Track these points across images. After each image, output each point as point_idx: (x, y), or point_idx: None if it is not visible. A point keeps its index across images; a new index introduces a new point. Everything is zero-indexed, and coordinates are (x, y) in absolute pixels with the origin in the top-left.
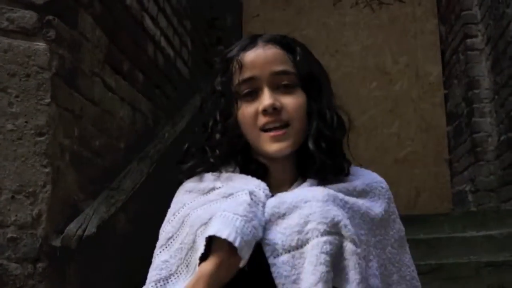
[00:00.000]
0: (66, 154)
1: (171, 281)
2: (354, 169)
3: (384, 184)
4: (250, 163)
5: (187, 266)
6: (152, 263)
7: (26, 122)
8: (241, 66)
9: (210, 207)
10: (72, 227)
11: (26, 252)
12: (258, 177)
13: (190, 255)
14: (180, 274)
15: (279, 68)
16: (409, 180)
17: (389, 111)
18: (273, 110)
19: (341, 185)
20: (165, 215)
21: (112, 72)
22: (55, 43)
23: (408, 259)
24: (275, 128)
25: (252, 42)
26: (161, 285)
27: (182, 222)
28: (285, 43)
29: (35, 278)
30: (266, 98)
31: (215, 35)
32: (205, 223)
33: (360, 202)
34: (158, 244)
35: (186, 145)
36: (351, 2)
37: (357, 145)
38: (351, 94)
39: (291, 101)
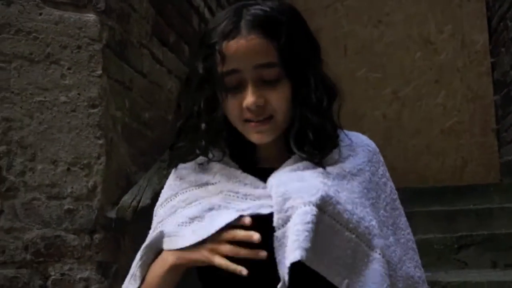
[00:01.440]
0: (118, 126)
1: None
2: (342, 135)
3: (372, 146)
4: (238, 142)
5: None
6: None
7: (79, 94)
8: (223, 57)
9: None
10: (126, 199)
11: (83, 223)
12: (247, 155)
13: None
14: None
15: (263, 60)
16: (456, 151)
17: (434, 82)
18: (257, 107)
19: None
20: None
21: (160, 44)
22: (105, 14)
23: (402, 222)
24: (258, 121)
25: (235, 27)
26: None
27: (170, 213)
28: (270, 28)
29: (92, 249)
30: (249, 95)
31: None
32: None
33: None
34: (152, 226)
35: (178, 128)
36: None
37: (402, 115)
38: (394, 65)
39: (275, 96)
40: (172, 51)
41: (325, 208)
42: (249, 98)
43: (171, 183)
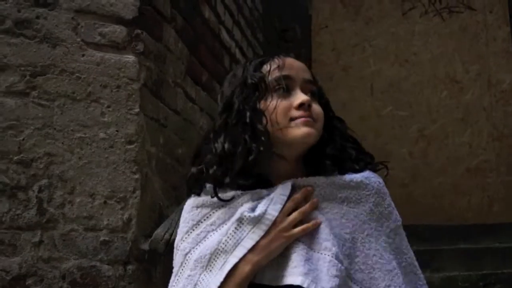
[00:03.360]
0: (153, 161)
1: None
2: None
3: (380, 179)
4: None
5: (210, 271)
6: (176, 281)
7: (117, 131)
8: (279, 65)
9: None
10: (159, 231)
11: (117, 254)
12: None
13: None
14: (203, 279)
15: (309, 77)
16: (482, 190)
17: (460, 120)
18: (308, 107)
19: (335, 177)
20: None
21: (193, 83)
22: (143, 55)
23: (404, 246)
24: (308, 117)
25: (284, 54)
26: None
27: (200, 240)
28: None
29: (125, 279)
30: (303, 95)
31: (285, 47)
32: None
33: (345, 203)
34: (176, 261)
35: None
36: (420, 11)
37: (428, 154)
38: (421, 103)
39: (317, 107)
40: (204, 90)
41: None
42: (303, 97)
43: (186, 216)
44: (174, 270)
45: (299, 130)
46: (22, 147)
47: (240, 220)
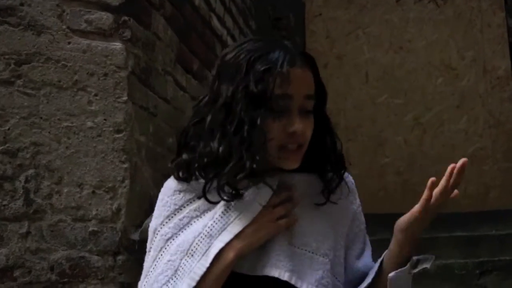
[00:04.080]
0: (142, 150)
1: (178, 275)
2: None
3: (352, 179)
4: None
5: (192, 255)
6: (154, 267)
7: (105, 119)
8: (281, 81)
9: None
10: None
11: (107, 245)
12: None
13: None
14: (185, 265)
15: (311, 92)
16: (478, 177)
17: (455, 107)
18: (301, 135)
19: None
20: None
21: (183, 71)
22: (131, 42)
23: (368, 242)
24: (295, 148)
25: (291, 58)
26: (171, 284)
27: (183, 225)
28: (313, 65)
29: (115, 270)
30: (298, 122)
31: (279, 35)
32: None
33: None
34: (153, 246)
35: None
36: None
37: (423, 142)
38: (416, 91)
39: (309, 126)
40: (195, 78)
41: None
42: (299, 125)
43: (166, 201)
44: (151, 255)
45: (286, 162)
46: (8, 137)
47: (227, 206)
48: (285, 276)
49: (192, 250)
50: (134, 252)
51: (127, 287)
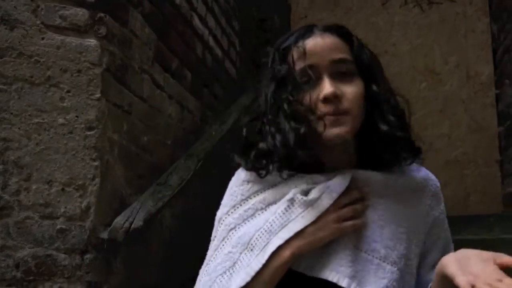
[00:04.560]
0: (115, 148)
1: (236, 268)
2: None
3: (437, 183)
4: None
5: (251, 250)
6: (215, 256)
7: (76, 116)
8: (302, 54)
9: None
10: (119, 220)
11: (75, 243)
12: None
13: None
14: (243, 259)
15: (338, 56)
16: (460, 181)
17: (439, 112)
18: (334, 98)
19: (394, 176)
20: (210, 213)
21: (161, 70)
22: (106, 39)
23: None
24: (335, 114)
25: (308, 31)
26: (227, 276)
27: (247, 217)
28: (341, 33)
29: (82, 269)
30: (327, 86)
31: (263, 36)
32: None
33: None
34: (217, 234)
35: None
36: (400, 2)
37: None
38: (399, 95)
39: (351, 90)
40: (174, 77)
41: None
42: (328, 89)
43: (234, 190)
44: (214, 244)
45: (328, 132)
46: None
47: (291, 201)
48: (344, 282)
49: (252, 244)
50: (103, 251)
51: (94, 286)
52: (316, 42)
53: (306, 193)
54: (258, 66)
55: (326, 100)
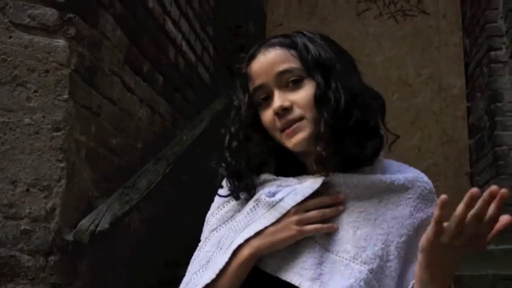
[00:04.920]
0: (82, 150)
1: (208, 266)
2: (401, 165)
3: (429, 185)
4: (286, 162)
5: (220, 248)
6: (197, 255)
7: (43, 117)
8: (251, 78)
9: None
10: (85, 222)
11: (39, 244)
12: (293, 172)
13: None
14: (214, 257)
15: (280, 68)
16: None
17: (410, 123)
18: (283, 111)
19: (375, 177)
20: (178, 217)
21: (132, 72)
22: (75, 40)
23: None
24: (289, 125)
25: (255, 51)
26: (200, 273)
27: (227, 218)
28: (285, 41)
29: (46, 271)
30: (275, 101)
31: (238, 43)
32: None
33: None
34: (203, 235)
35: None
36: (375, 13)
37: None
38: None
39: (300, 96)
40: (145, 81)
41: None
42: (275, 103)
43: (220, 192)
44: (200, 243)
45: (289, 144)
46: None
47: (257, 202)
48: (305, 285)
49: (221, 243)
50: (68, 253)
51: None
52: (259, 62)
53: (273, 194)
54: (232, 72)
55: (278, 114)
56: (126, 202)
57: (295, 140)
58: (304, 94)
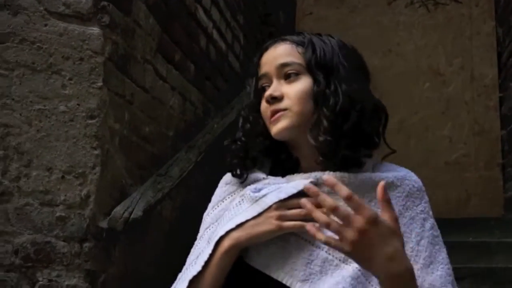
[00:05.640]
0: (116, 138)
1: (197, 260)
2: (391, 165)
3: (417, 183)
4: (283, 159)
5: (209, 242)
6: (192, 252)
7: (78, 104)
8: (259, 67)
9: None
10: (118, 209)
11: (74, 231)
12: (289, 169)
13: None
14: (203, 251)
15: (282, 60)
16: (460, 184)
17: (441, 113)
18: (273, 99)
19: (365, 175)
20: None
21: (164, 61)
22: (109, 28)
23: (442, 256)
24: (274, 113)
25: (270, 43)
26: (191, 267)
27: (219, 216)
28: (296, 39)
29: (81, 257)
30: (269, 90)
31: (268, 31)
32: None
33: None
34: (199, 234)
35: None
36: (406, 2)
37: (407, 146)
38: (403, 95)
39: (292, 89)
40: (177, 69)
41: None
42: (268, 91)
43: (216, 191)
44: (195, 242)
45: (271, 130)
46: None
47: (242, 197)
48: (296, 286)
49: (210, 238)
50: (102, 240)
51: (92, 275)
52: (268, 53)
53: (259, 190)
54: None
55: (268, 102)
56: (159, 190)
57: (275, 128)
58: (296, 88)
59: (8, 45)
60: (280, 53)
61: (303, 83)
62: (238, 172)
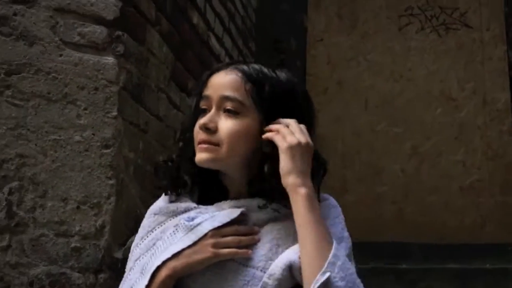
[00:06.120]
0: (131, 167)
1: None
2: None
3: (327, 200)
4: (211, 187)
5: (143, 274)
6: (122, 285)
7: (93, 134)
8: (205, 85)
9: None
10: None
11: (89, 262)
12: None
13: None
14: (136, 282)
15: (227, 93)
16: (475, 209)
17: (454, 138)
18: (206, 130)
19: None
20: None
21: (177, 89)
22: (124, 57)
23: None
24: (204, 144)
25: (224, 65)
26: None
27: (150, 246)
28: (249, 73)
29: None
30: (205, 117)
31: (279, 58)
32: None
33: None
34: (128, 266)
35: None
36: (417, 27)
37: (421, 171)
38: (415, 120)
39: (227, 125)
40: (190, 97)
41: None
42: (204, 119)
43: (144, 223)
44: (124, 275)
45: (197, 156)
46: None
47: (176, 227)
48: None
49: (143, 269)
50: (117, 270)
51: None
52: (218, 76)
53: (192, 219)
54: None
55: (201, 129)
56: None
57: (199, 157)
58: (231, 125)
59: (24, 75)
60: (227, 83)
61: (240, 123)
62: (169, 193)
